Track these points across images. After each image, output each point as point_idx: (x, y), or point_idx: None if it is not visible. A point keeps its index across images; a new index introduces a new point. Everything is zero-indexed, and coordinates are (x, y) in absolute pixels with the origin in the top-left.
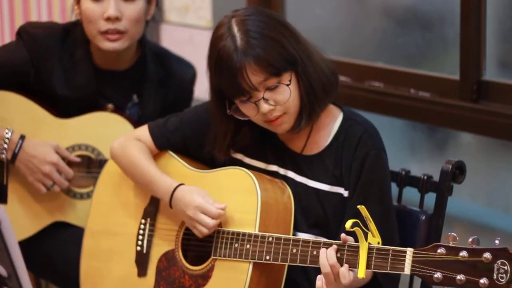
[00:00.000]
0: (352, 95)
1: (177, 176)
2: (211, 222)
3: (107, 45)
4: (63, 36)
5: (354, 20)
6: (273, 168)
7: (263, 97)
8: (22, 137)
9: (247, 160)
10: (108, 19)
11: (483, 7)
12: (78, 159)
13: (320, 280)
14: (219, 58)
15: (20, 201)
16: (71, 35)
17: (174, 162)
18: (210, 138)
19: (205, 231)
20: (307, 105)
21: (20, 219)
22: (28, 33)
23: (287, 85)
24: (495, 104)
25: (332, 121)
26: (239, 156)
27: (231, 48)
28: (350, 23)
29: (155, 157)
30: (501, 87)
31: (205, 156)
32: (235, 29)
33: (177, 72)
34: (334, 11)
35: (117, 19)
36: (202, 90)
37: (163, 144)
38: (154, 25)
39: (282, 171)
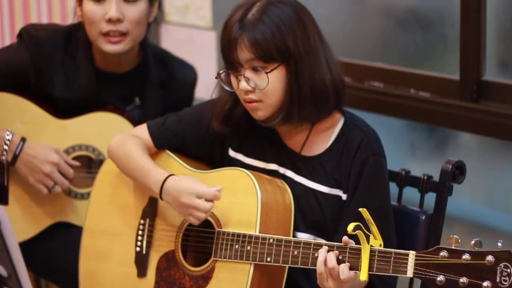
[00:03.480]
0: (352, 95)
1: None
2: (207, 204)
3: (108, 47)
4: (65, 39)
5: (354, 20)
6: (273, 166)
7: (244, 75)
8: (23, 139)
9: (247, 160)
10: (110, 20)
11: (483, 7)
12: (77, 163)
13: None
14: (226, 22)
15: (20, 203)
16: (73, 38)
17: (173, 162)
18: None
19: (202, 215)
20: (288, 104)
21: (21, 221)
22: (31, 35)
23: (267, 72)
24: (495, 104)
25: (333, 125)
26: (239, 156)
27: (238, 18)
28: (350, 23)
29: (154, 156)
30: (501, 87)
31: (204, 155)
32: (257, 5)
33: (180, 75)
34: (334, 11)
35: (118, 20)
36: (201, 89)
37: (161, 143)
38: (154, 25)
39: (281, 170)
